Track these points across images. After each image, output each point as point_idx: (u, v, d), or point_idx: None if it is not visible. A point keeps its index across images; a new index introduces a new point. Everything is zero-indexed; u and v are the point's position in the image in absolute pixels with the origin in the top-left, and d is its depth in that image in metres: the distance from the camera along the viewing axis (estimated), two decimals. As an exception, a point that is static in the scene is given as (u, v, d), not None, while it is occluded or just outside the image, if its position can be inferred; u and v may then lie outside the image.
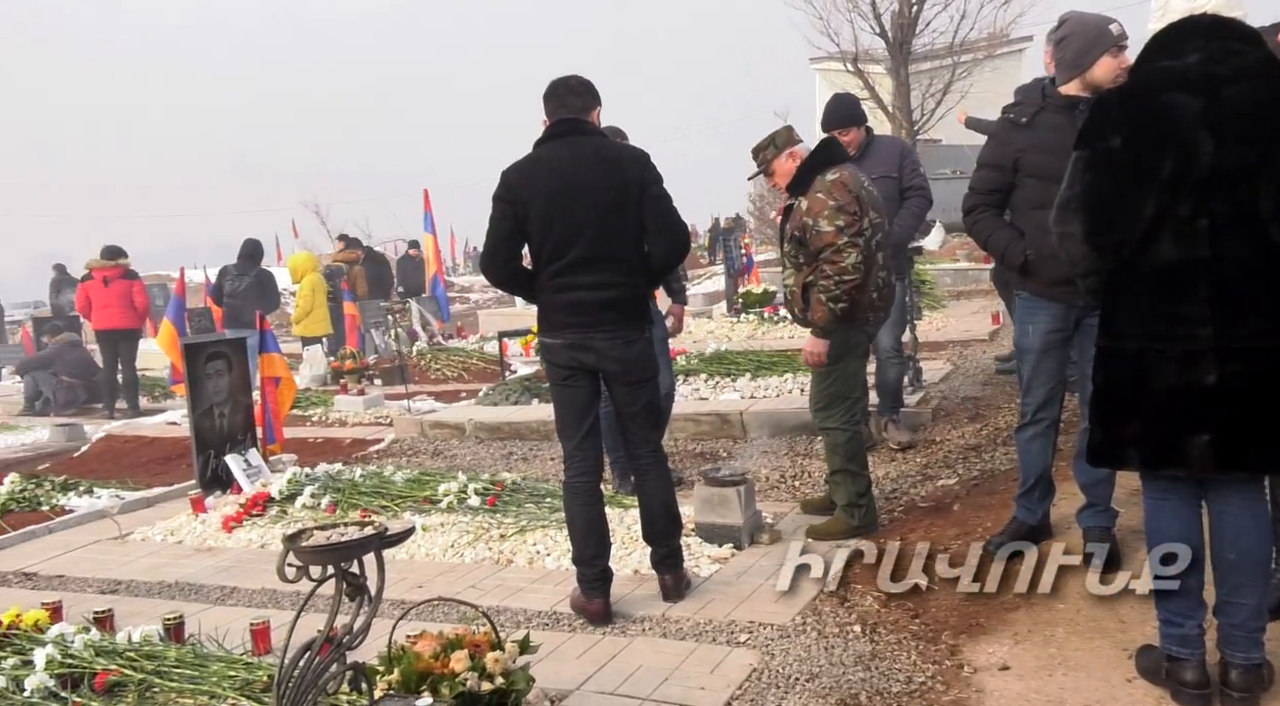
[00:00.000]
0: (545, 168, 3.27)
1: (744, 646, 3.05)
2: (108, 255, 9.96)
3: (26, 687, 2.81)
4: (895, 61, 15.76)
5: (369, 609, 2.26)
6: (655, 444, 3.47)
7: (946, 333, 8.49)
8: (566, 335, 3.30)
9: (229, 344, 5.86)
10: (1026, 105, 3.32)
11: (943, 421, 5.59)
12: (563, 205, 3.21)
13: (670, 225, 3.34)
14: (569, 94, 3.34)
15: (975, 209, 3.43)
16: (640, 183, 3.26)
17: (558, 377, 3.38)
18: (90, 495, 5.78)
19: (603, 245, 3.23)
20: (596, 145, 3.31)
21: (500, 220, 3.28)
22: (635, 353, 3.33)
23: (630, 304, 3.32)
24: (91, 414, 10.09)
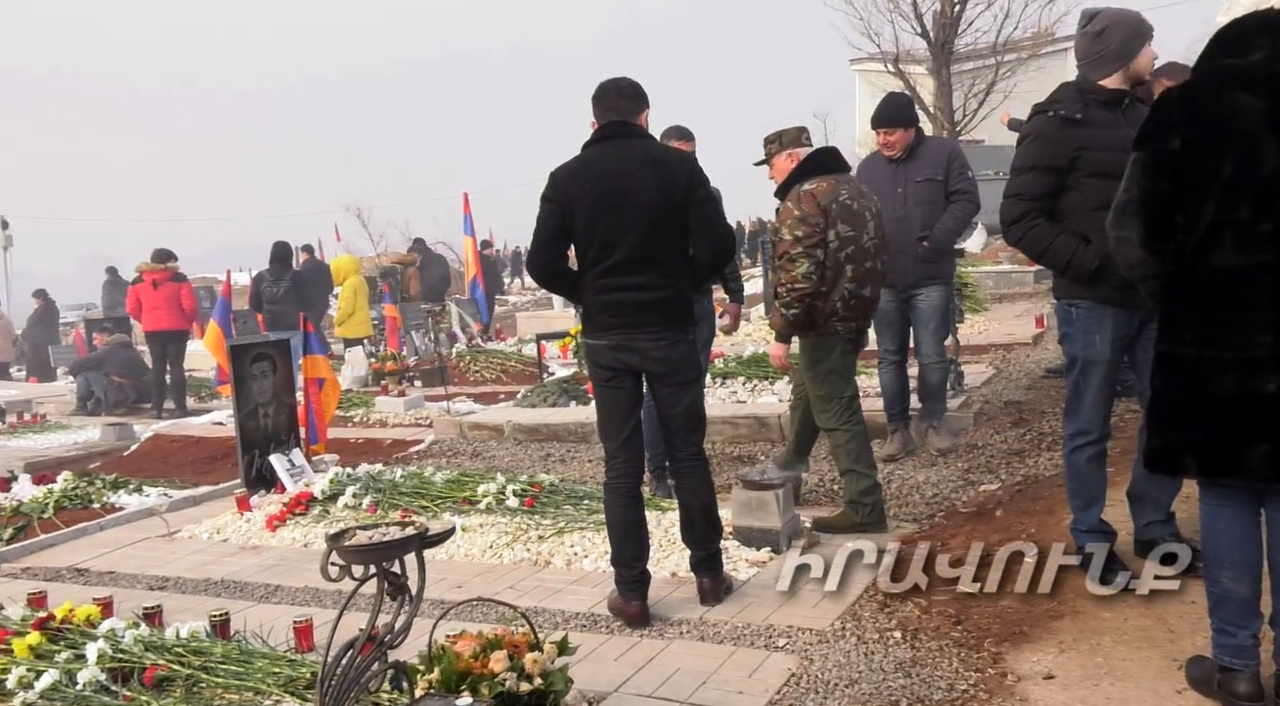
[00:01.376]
0: (593, 169, 3.28)
1: (782, 651, 3.03)
2: (158, 258, 10.18)
3: (79, 681, 2.88)
4: (937, 62, 15.59)
5: (410, 608, 2.29)
6: (697, 446, 3.45)
7: (989, 336, 8.37)
8: (610, 336, 3.30)
9: (273, 345, 5.96)
10: (1068, 102, 3.18)
11: (985, 425, 5.51)
12: (609, 206, 3.22)
13: (716, 229, 3.35)
14: (618, 97, 3.35)
15: (1026, 216, 3.20)
16: (687, 186, 3.26)
17: (601, 378, 3.39)
18: (139, 493, 5.91)
19: (648, 247, 3.23)
20: (645, 147, 3.32)
21: (546, 220, 3.29)
22: (679, 354, 3.33)
23: (674, 305, 3.32)
24: (140, 413, 10.33)
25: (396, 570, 2.27)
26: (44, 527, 5.28)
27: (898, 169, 4.93)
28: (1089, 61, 3.20)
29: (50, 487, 5.87)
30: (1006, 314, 9.52)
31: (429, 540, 2.31)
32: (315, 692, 2.26)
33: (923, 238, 4.84)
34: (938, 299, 4.98)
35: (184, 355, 10.38)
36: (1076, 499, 3.31)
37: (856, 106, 22.64)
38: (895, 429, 5.22)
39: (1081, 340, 3.20)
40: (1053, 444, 4.96)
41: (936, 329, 5.00)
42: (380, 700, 2.58)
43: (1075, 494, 3.32)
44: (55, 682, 2.88)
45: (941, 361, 5.15)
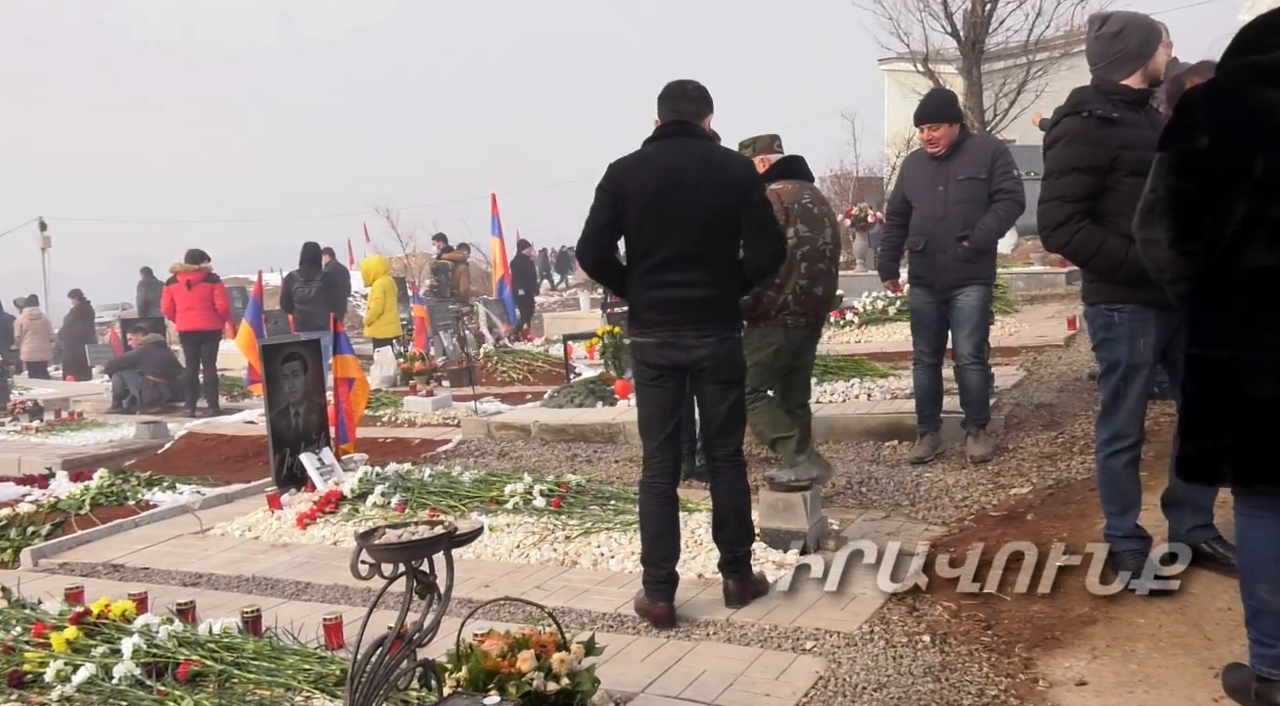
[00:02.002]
0: (651, 164, 3.31)
1: (810, 653, 3.02)
2: (191, 259, 10.33)
3: (115, 675, 2.92)
4: (967, 61, 15.42)
5: (438, 607, 2.30)
6: (736, 447, 3.44)
7: (1020, 338, 8.28)
8: (658, 333, 3.31)
9: (304, 345, 6.03)
10: (1098, 103, 3.13)
11: (1015, 429, 5.45)
12: (663, 202, 3.24)
13: (768, 234, 3.36)
14: (684, 99, 3.39)
15: (1071, 219, 3.14)
16: (743, 188, 3.29)
17: (646, 377, 3.39)
18: (173, 491, 6.00)
19: (699, 245, 3.25)
20: (704, 148, 3.35)
21: (600, 209, 3.32)
22: (726, 351, 3.33)
23: (722, 304, 3.32)
24: (174, 412, 10.48)
25: (425, 569, 2.29)
26: (81, 524, 5.37)
27: (939, 166, 4.82)
28: (1107, 63, 3.18)
29: (87, 484, 5.98)
30: (1038, 315, 9.41)
31: (457, 539, 2.32)
32: (345, 690, 2.28)
33: (962, 237, 4.73)
34: (977, 300, 4.84)
35: (217, 354, 10.52)
36: (1112, 504, 3.26)
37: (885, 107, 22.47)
38: (924, 431, 5.17)
39: (1126, 345, 3.14)
40: (1084, 447, 4.90)
41: (974, 330, 4.88)
42: (409, 698, 2.59)
43: (1110, 499, 3.26)
44: (92, 676, 2.93)
45: (979, 363, 4.97)
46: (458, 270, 14.06)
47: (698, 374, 3.34)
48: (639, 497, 3.44)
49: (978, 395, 5.00)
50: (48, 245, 24.95)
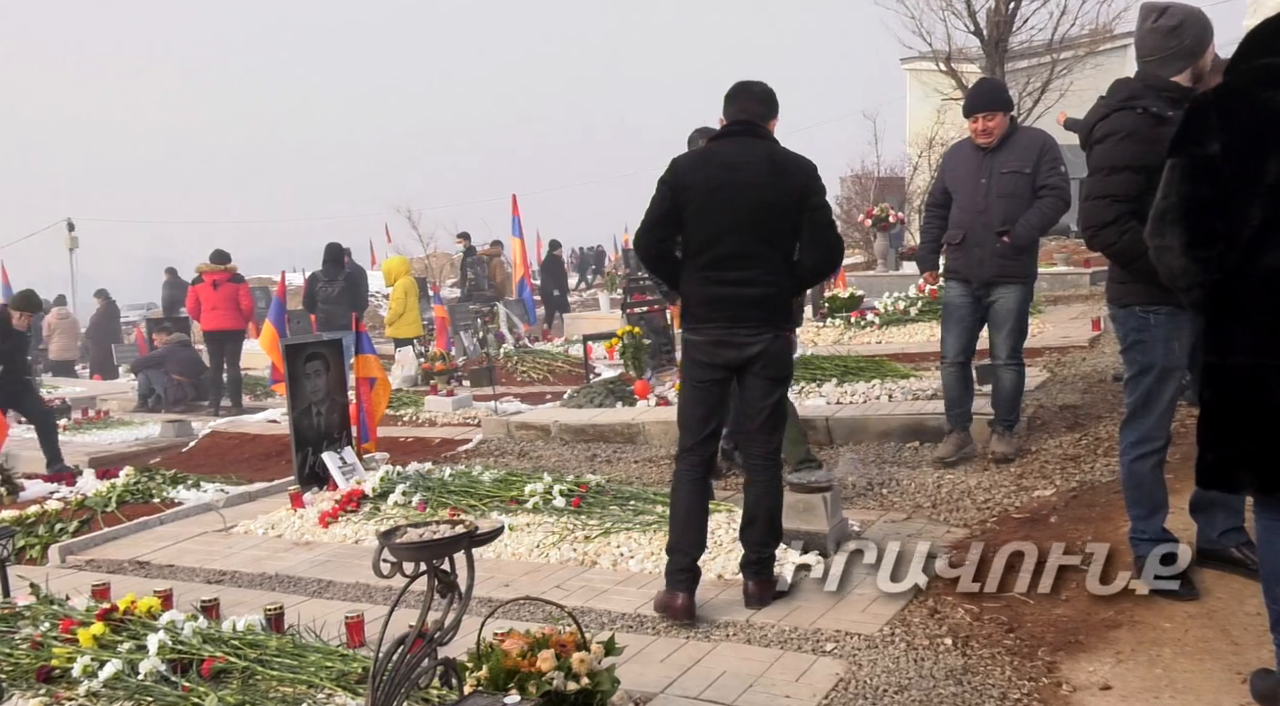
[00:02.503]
0: (714, 161, 3.36)
1: (830, 655, 3.01)
2: (216, 259, 10.44)
3: (140, 671, 2.96)
4: (991, 60, 15.29)
5: (459, 606, 2.31)
6: (774, 446, 3.46)
7: (1043, 339, 8.20)
8: (709, 331, 3.34)
9: (326, 345, 6.07)
10: (1150, 99, 3.04)
11: (1039, 430, 5.40)
12: (723, 198, 3.28)
13: (826, 237, 3.37)
14: (752, 100, 3.43)
15: (1120, 219, 3.04)
16: (804, 190, 3.31)
17: (694, 375, 3.42)
18: (197, 489, 6.06)
19: (755, 243, 3.28)
20: (768, 148, 3.38)
21: (660, 201, 3.37)
22: (778, 348, 3.36)
23: (775, 303, 3.34)
24: (198, 411, 10.59)
25: (446, 568, 2.30)
26: (107, 521, 5.44)
27: (985, 158, 4.68)
28: (1160, 58, 3.08)
29: (113, 482, 6.06)
30: (1061, 316, 9.32)
31: (478, 538, 2.33)
32: (367, 687, 2.30)
33: (1002, 233, 4.60)
34: (1015, 299, 4.71)
35: (240, 354, 10.62)
36: (1138, 507, 3.22)
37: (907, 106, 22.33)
38: (951, 430, 5.06)
39: (1161, 347, 3.09)
40: (1109, 450, 4.85)
41: (1013, 331, 4.74)
42: (429, 696, 2.61)
43: (1136, 502, 3.23)
44: (118, 672, 2.97)
45: (1016, 363, 4.82)
46: (493, 264, 14.30)
47: (747, 369, 3.36)
48: (671, 486, 3.48)
49: (1010, 395, 4.89)
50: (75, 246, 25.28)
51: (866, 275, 12.76)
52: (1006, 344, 4.77)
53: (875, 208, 13.32)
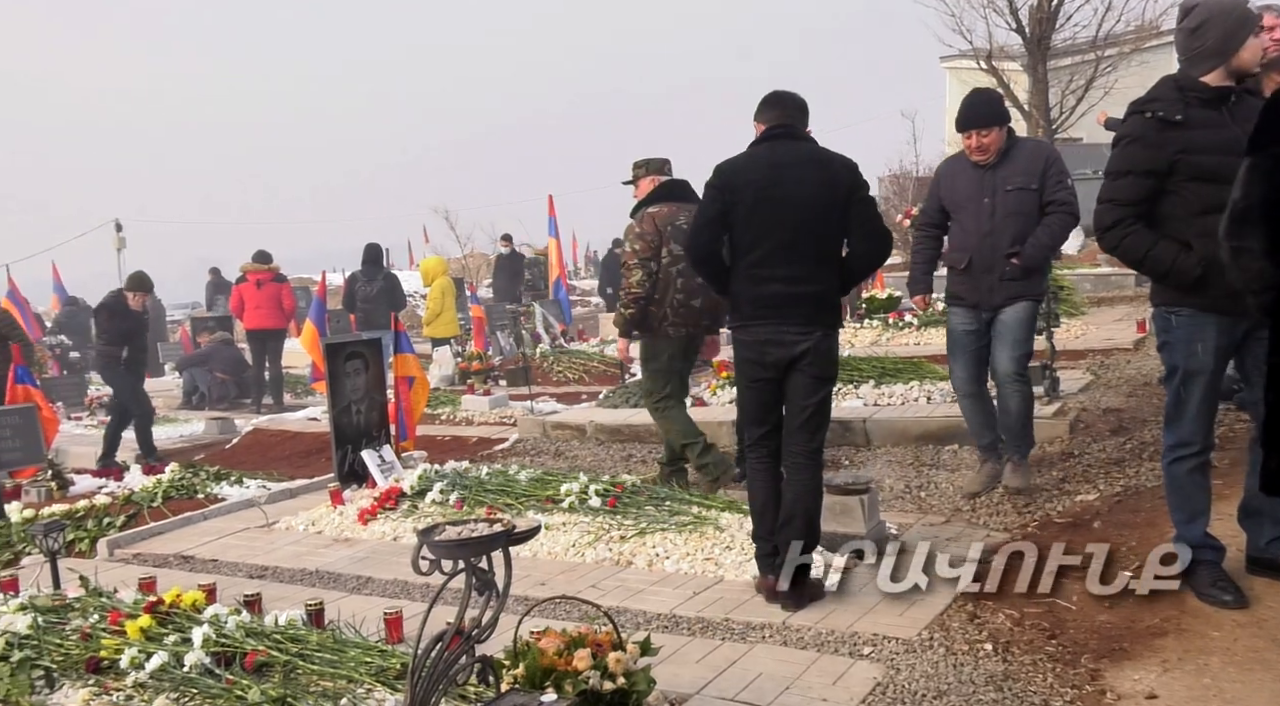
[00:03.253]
0: (758, 162, 3.44)
1: (867, 659, 2.98)
2: (259, 259, 10.62)
3: (186, 663, 3.01)
4: (1033, 58, 15.05)
5: (496, 604, 2.33)
6: (817, 445, 3.48)
7: (1087, 341, 8.07)
8: (757, 329, 3.40)
9: (366, 344, 6.14)
10: (1167, 102, 3.02)
11: (1082, 433, 5.31)
12: (768, 197, 3.35)
13: (874, 230, 3.42)
14: (792, 107, 3.53)
15: (1121, 222, 3.07)
16: (849, 186, 3.36)
17: (746, 375, 3.49)
18: (240, 485, 6.17)
19: (802, 241, 3.34)
20: (810, 148, 3.47)
21: (708, 204, 3.46)
22: (826, 346, 3.40)
23: (822, 300, 3.40)
24: (241, 408, 10.77)
25: (484, 566, 2.32)
26: (153, 516, 5.55)
27: (986, 175, 4.29)
28: (1188, 57, 3.05)
29: (159, 478, 6.18)
30: (1105, 318, 9.16)
31: (515, 537, 2.35)
32: (405, 683, 2.32)
33: (1011, 254, 4.24)
34: (1023, 312, 4.31)
35: (282, 353, 10.78)
36: (1178, 512, 3.17)
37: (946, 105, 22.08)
38: (985, 460, 4.58)
39: (1182, 349, 3.07)
40: (1154, 453, 4.75)
41: (1017, 344, 4.31)
42: (466, 693, 2.63)
43: (1177, 507, 3.18)
44: (164, 664, 3.03)
45: (1020, 382, 4.36)
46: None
47: (794, 366, 3.40)
48: (747, 476, 3.63)
49: (1018, 418, 4.41)
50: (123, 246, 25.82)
51: (904, 276, 12.62)
52: (1011, 360, 4.31)
53: (914, 208, 13.17)
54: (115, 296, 8.23)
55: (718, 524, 4.26)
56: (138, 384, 8.23)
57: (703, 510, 4.47)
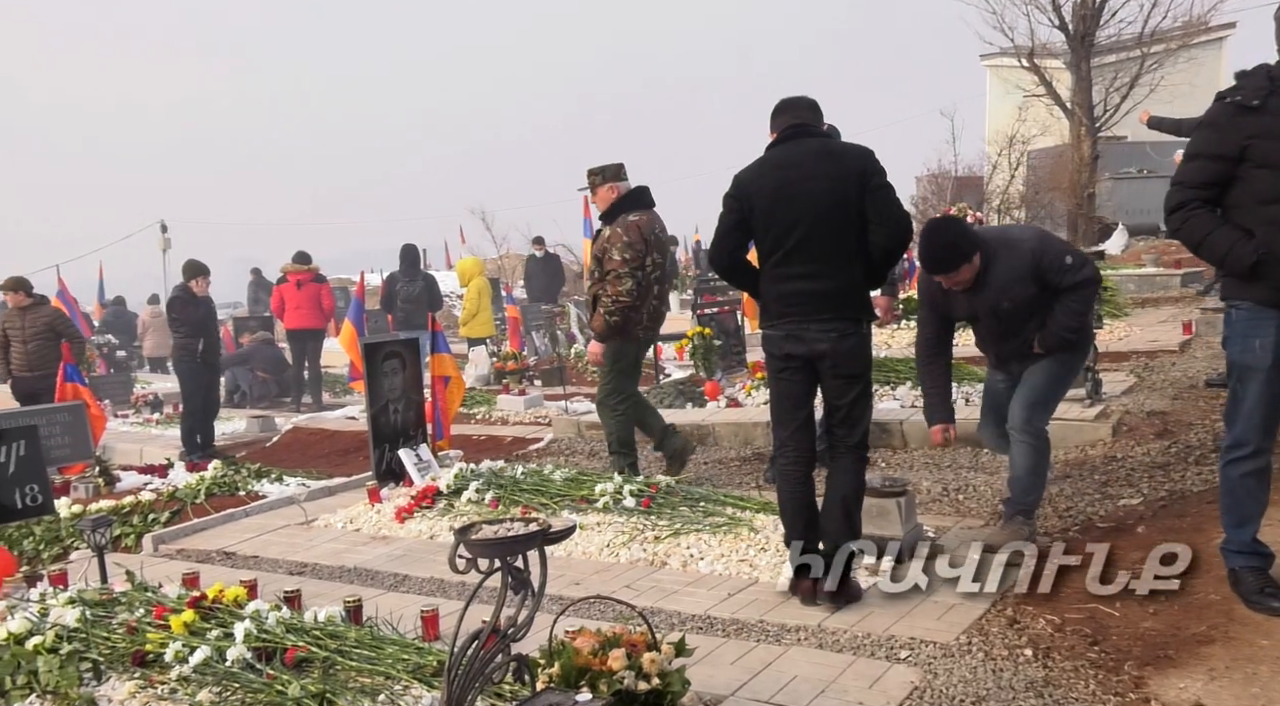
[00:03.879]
0: (771, 165, 3.45)
1: (904, 663, 2.95)
2: (299, 260, 10.77)
3: (228, 657, 3.07)
4: (1076, 55, 14.79)
5: (532, 603, 2.34)
6: (856, 440, 3.46)
7: (1130, 342, 7.92)
8: (783, 326, 3.42)
9: (403, 344, 6.21)
10: (1251, 88, 2.94)
11: (1125, 436, 5.21)
12: (785, 198, 3.35)
13: (892, 215, 3.37)
14: (802, 108, 3.52)
15: (1187, 204, 3.03)
16: (862, 174, 3.33)
17: (774, 369, 3.51)
18: (280, 482, 6.27)
19: (821, 237, 3.33)
20: (822, 143, 3.46)
21: (727, 214, 3.49)
22: (848, 345, 3.37)
23: (847, 295, 3.37)
24: (281, 407, 10.94)
25: (520, 565, 2.33)
26: (196, 512, 5.65)
27: (977, 297, 3.73)
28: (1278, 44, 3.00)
29: (202, 475, 6.30)
30: (1150, 319, 8.98)
31: (551, 537, 2.36)
32: (442, 680, 2.34)
33: (1031, 344, 3.78)
34: (1050, 362, 3.80)
35: (321, 352, 10.93)
36: (1228, 515, 3.10)
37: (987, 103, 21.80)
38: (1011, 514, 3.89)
39: (1239, 344, 3.02)
40: (1200, 457, 4.66)
41: (1034, 391, 3.79)
42: (502, 691, 2.64)
43: (1227, 510, 3.11)
44: (207, 658, 3.08)
45: (1032, 436, 3.78)
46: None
47: (820, 366, 3.41)
48: (776, 482, 3.60)
49: (1020, 474, 3.82)
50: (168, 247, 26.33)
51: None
52: (1021, 410, 3.79)
53: (953, 207, 13.03)
54: (181, 288, 8.46)
55: (752, 525, 4.25)
56: (212, 380, 8.47)
57: (737, 511, 4.46)
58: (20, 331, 8.17)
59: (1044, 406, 3.87)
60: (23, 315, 8.23)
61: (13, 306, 8.33)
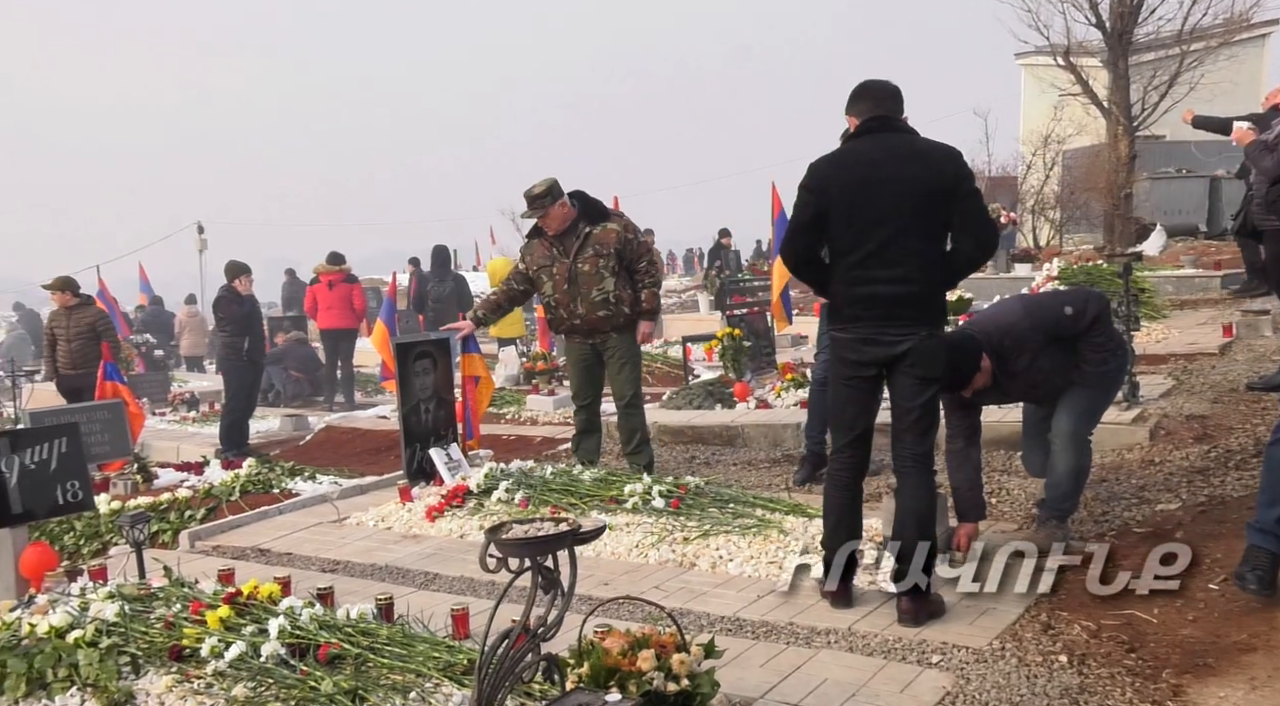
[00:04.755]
0: (853, 159, 3.30)
1: (936, 667, 2.93)
2: (332, 260, 10.90)
3: (262, 653, 3.11)
4: (1113, 53, 14.56)
5: (562, 602, 2.35)
6: (925, 449, 3.34)
7: (1168, 345, 7.78)
8: (857, 329, 3.29)
9: (435, 344, 6.25)
10: None
11: (1162, 440, 5.13)
12: (867, 196, 3.21)
13: (979, 226, 3.28)
14: (884, 96, 3.36)
15: None
16: (953, 179, 3.22)
17: (842, 374, 3.39)
18: (313, 480, 6.34)
19: (904, 239, 3.20)
20: (908, 141, 3.30)
21: (802, 208, 3.34)
22: (927, 346, 3.26)
23: (926, 300, 3.27)
24: (314, 406, 11.07)
25: (550, 564, 2.34)
26: (231, 509, 5.73)
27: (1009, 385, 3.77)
28: None
29: (237, 472, 6.39)
30: (1188, 321, 8.82)
31: (581, 536, 2.36)
32: (473, 679, 2.36)
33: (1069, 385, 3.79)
34: (1098, 383, 3.83)
35: (353, 352, 11.05)
36: (1263, 494, 3.10)
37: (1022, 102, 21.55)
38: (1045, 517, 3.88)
39: None
40: (1241, 462, 4.57)
41: (1081, 400, 3.78)
42: (532, 690, 2.66)
43: (1263, 489, 3.10)
44: (242, 653, 3.12)
45: (1076, 444, 3.75)
46: None
47: (894, 366, 3.28)
48: (824, 486, 3.52)
49: (1060, 479, 3.77)
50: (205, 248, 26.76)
51: (976, 278, 12.34)
52: (1067, 420, 3.76)
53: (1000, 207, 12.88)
54: (226, 288, 8.65)
55: (782, 527, 4.23)
56: (256, 379, 8.59)
57: (767, 513, 4.45)
58: (65, 330, 8.41)
59: (1090, 416, 3.87)
60: (68, 315, 8.46)
61: (60, 306, 8.54)
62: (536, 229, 5.51)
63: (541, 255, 5.45)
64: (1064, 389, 3.80)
